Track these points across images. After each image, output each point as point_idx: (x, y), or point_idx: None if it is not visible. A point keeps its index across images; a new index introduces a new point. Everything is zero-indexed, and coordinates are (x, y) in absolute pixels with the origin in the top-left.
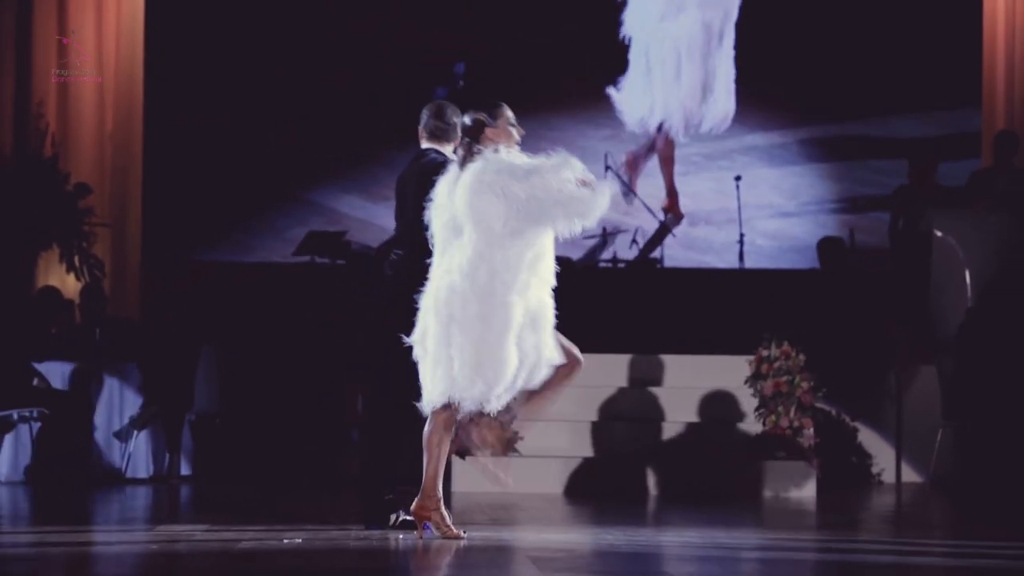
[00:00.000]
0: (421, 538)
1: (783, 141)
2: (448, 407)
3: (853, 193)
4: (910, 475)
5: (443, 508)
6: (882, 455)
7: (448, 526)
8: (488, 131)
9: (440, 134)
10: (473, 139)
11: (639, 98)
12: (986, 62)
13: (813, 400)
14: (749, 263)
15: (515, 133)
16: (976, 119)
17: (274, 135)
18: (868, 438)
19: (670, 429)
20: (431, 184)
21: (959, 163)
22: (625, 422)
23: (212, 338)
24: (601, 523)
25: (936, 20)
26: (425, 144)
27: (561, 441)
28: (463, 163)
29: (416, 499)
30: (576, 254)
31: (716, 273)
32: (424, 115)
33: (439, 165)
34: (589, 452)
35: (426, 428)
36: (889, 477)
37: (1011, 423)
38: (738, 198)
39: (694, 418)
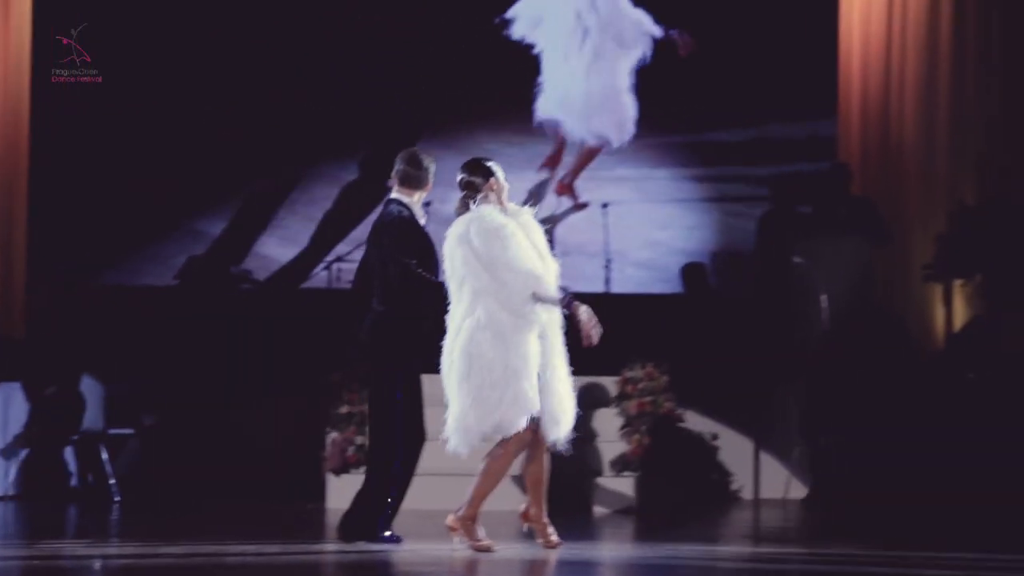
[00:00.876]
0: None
1: (649, 172)
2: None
3: (717, 220)
4: (768, 491)
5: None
6: (742, 472)
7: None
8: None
9: (409, 181)
10: (470, 194)
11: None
12: (842, 74)
13: (677, 420)
14: (618, 289)
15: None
16: (832, 127)
17: (160, 162)
18: (728, 456)
19: None
20: (385, 237)
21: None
22: None
23: (95, 359)
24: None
25: (793, 39)
26: (394, 192)
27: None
28: (458, 215)
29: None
30: None
31: (583, 297)
32: (397, 161)
33: (393, 220)
34: (451, 470)
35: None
36: (748, 493)
37: (863, 441)
38: (605, 225)
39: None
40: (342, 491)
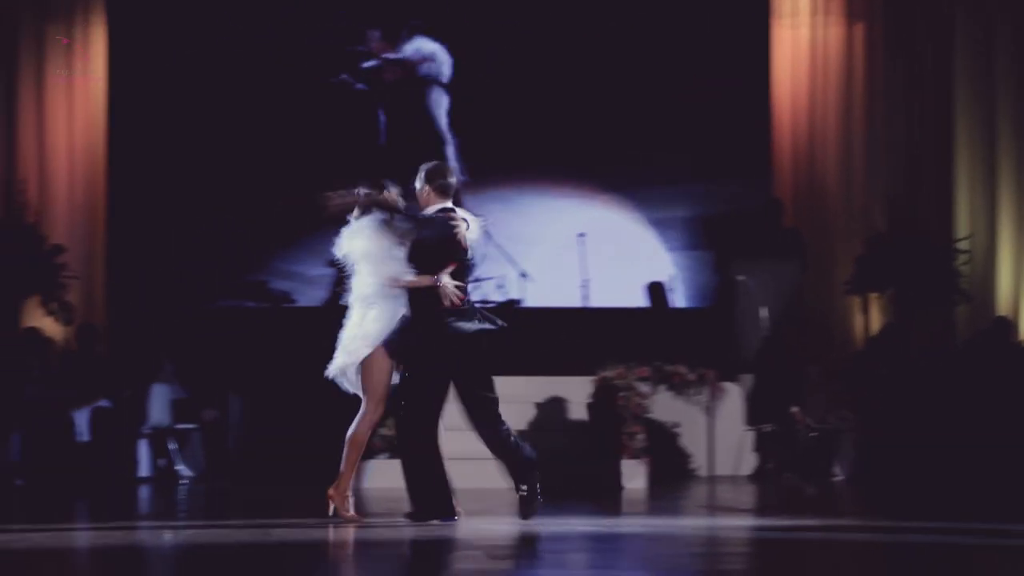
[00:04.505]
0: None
1: (618, 204)
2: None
3: (679, 244)
4: (721, 469)
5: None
6: (698, 454)
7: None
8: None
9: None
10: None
11: None
12: (775, 139)
13: (644, 411)
14: (593, 303)
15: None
16: (768, 185)
17: (227, 209)
18: (687, 441)
19: (530, 437)
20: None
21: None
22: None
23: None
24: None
25: (730, 106)
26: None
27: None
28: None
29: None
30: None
31: (564, 311)
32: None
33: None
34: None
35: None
36: (703, 472)
37: (798, 427)
38: (580, 251)
39: (547, 427)
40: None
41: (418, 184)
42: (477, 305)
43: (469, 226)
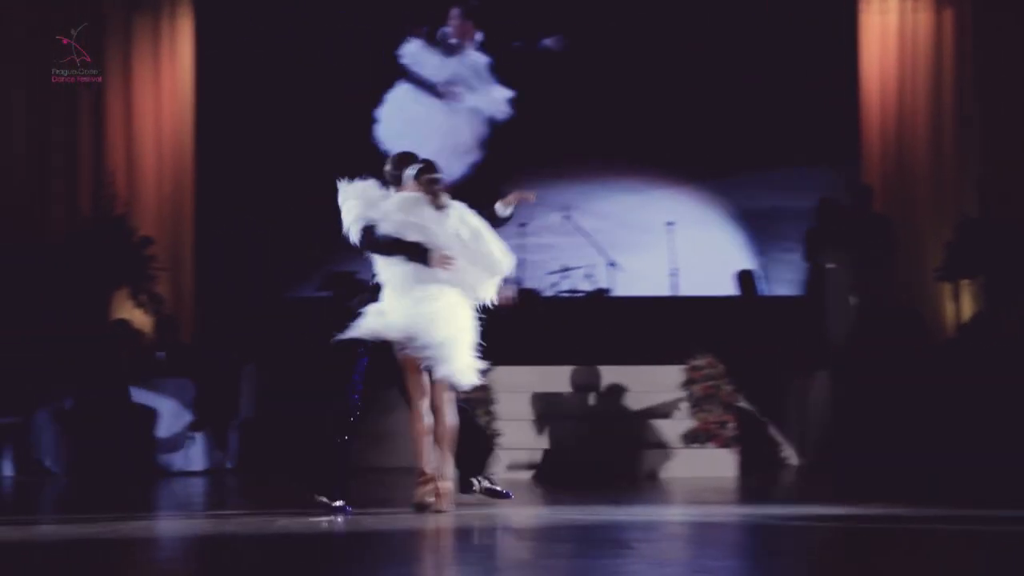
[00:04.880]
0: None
1: (706, 193)
2: None
3: (767, 232)
4: (810, 457)
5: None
6: (788, 443)
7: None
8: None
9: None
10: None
11: None
12: (864, 126)
13: (734, 400)
14: (682, 292)
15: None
16: (857, 171)
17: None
18: (777, 430)
19: (618, 426)
20: None
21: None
22: (579, 420)
23: (252, 358)
24: (566, 503)
25: (818, 93)
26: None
27: (522, 437)
28: None
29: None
30: (540, 286)
31: (653, 300)
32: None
33: None
34: (547, 445)
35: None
36: (793, 460)
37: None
38: (669, 240)
39: (638, 416)
40: None
41: (406, 176)
42: (564, 295)
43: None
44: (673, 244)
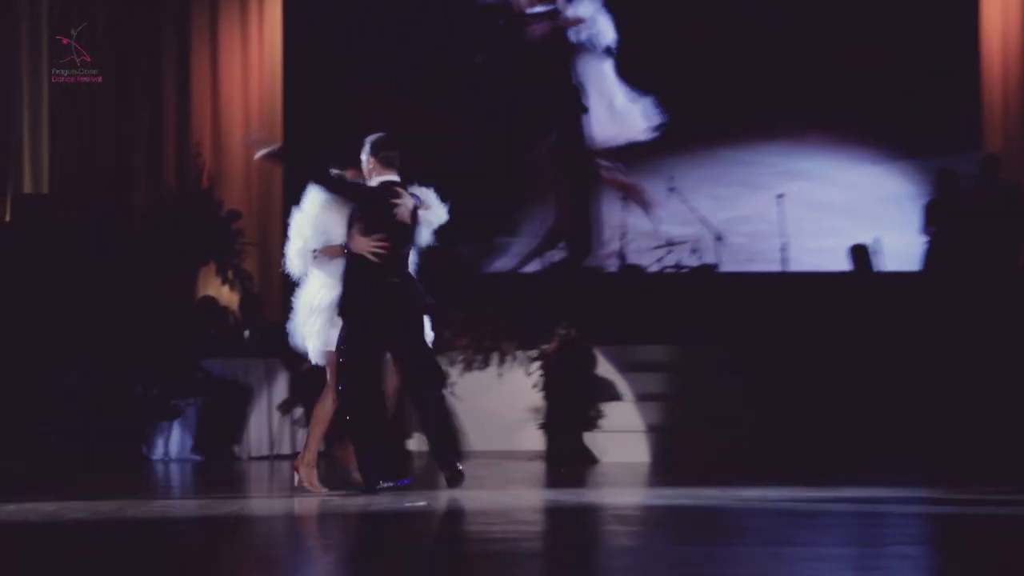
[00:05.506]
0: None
1: (815, 164)
2: None
3: (886, 205)
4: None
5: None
6: None
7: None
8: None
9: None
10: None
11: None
12: (985, 107)
13: None
14: (793, 268)
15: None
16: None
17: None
18: None
19: (735, 409)
20: None
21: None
22: (699, 401)
23: None
24: (674, 485)
25: (938, 73)
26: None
27: (633, 417)
28: None
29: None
30: (646, 261)
31: (762, 276)
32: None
33: None
34: (663, 426)
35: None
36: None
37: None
38: (780, 213)
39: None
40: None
41: (363, 155)
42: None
43: (418, 202)
44: (784, 217)
